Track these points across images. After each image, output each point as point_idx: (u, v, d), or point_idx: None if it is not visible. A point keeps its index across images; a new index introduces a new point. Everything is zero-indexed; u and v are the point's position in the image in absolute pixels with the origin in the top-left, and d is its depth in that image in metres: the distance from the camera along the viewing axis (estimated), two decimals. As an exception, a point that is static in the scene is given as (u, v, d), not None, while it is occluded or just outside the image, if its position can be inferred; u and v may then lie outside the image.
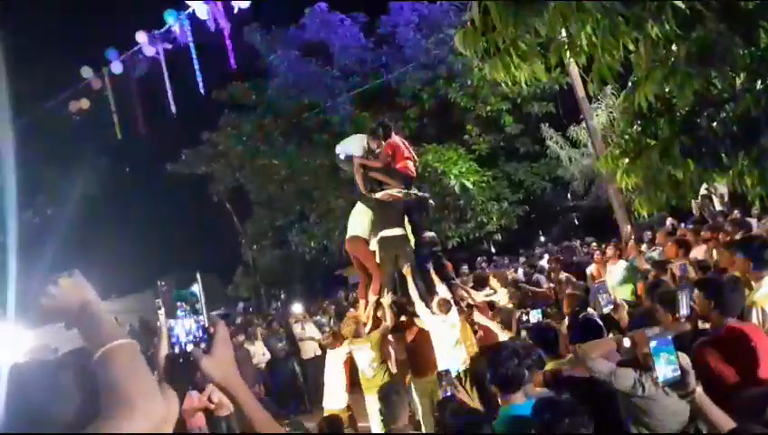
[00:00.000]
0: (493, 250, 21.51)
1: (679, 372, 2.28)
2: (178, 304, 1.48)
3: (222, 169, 19.67)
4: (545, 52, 4.96)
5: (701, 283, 3.73)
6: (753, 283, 4.21)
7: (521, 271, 11.87)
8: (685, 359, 3.24)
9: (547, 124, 18.95)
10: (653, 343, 2.29)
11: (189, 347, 1.41)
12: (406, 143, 7.90)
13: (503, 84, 4.87)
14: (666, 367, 2.27)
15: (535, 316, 5.16)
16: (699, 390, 2.35)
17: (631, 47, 4.57)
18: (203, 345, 1.41)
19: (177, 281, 1.51)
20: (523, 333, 5.50)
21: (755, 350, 3.52)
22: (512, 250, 19.98)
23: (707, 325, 3.70)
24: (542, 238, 22.77)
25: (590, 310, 5.43)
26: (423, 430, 5.80)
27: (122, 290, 23.39)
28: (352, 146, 7.79)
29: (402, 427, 3.26)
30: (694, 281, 4.18)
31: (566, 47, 4.63)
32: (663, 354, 2.27)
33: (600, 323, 3.47)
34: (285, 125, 18.18)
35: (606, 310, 4.32)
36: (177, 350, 1.41)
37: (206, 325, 1.44)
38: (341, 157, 7.78)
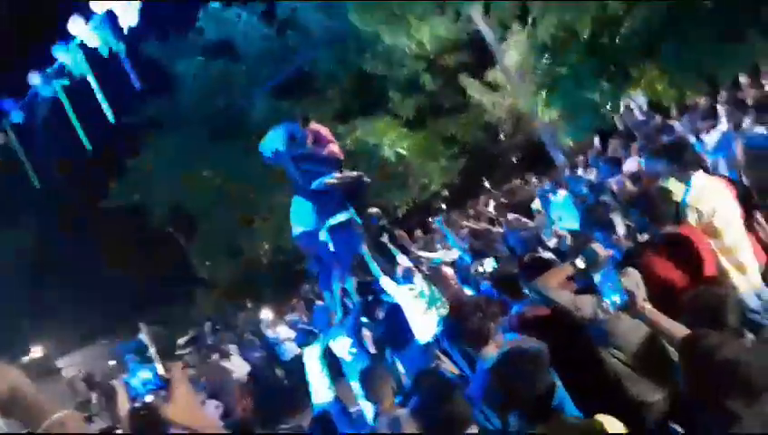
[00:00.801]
0: (444, 207, 21.74)
1: (626, 297, 2.38)
2: (128, 356, 1.44)
3: (154, 193, 19.04)
4: (441, 8, 4.97)
5: (634, 200, 3.89)
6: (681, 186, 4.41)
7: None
8: (634, 276, 3.39)
9: (465, 74, 19.09)
10: (597, 277, 2.38)
11: (149, 398, 1.38)
12: (323, 128, 7.84)
13: (407, 48, 4.85)
14: (613, 296, 2.36)
15: (490, 264, 5.27)
16: (647, 306, 2.45)
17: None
18: (162, 393, 1.38)
19: (121, 335, 1.46)
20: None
21: (697, 250, 3.71)
22: (461, 204, 20.26)
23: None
24: (487, 185, 23.11)
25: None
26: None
27: (82, 341, 22.60)
28: (275, 141, 7.62)
29: (388, 406, 3.29)
30: (626, 199, 4.34)
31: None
32: (607, 284, 2.36)
33: (547, 257, 3.56)
34: (207, 133, 17.70)
35: (551, 243, 4.45)
36: (137, 403, 1.38)
37: (161, 373, 1.40)
38: (268, 155, 7.64)
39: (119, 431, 1.33)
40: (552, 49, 6.58)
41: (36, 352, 19.59)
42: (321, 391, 6.98)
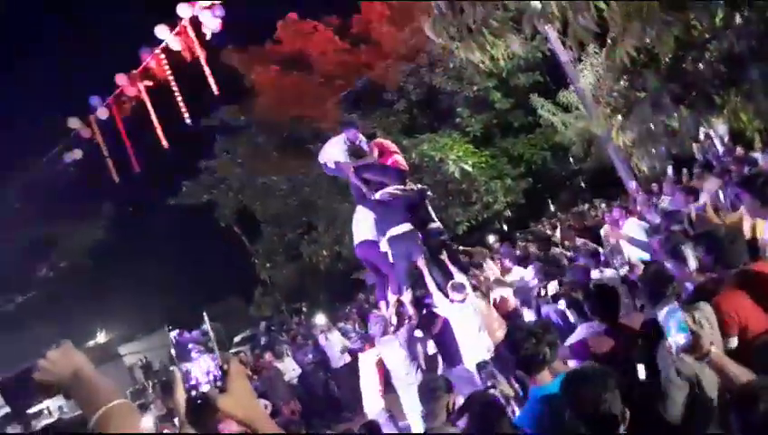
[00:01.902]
0: (505, 228, 21.44)
1: (691, 337, 2.24)
2: (191, 346, 1.47)
3: (224, 194, 19.73)
4: (518, 25, 4.93)
5: (699, 238, 3.69)
6: (760, 221, 4.17)
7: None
8: (707, 312, 3.20)
9: (536, 94, 18.83)
10: (661, 315, 2.25)
11: (206, 387, 1.40)
12: (387, 141, 7.93)
13: (480, 63, 4.84)
14: (677, 335, 2.23)
15: (553, 288, 5.13)
16: (713, 349, 2.30)
17: (601, 5, 4.51)
18: (219, 384, 1.41)
19: (187, 323, 1.51)
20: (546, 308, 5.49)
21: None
22: (523, 224, 19.91)
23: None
24: (552, 208, 22.63)
25: (607, 272, 5.37)
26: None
27: (146, 329, 23.48)
28: (334, 152, 7.75)
29: (441, 425, 3.24)
30: (692, 237, 4.13)
31: (538, 17, 4.58)
32: (672, 323, 2.23)
33: (613, 287, 3.43)
34: (278, 140, 18.21)
35: (622, 271, 4.28)
36: (194, 392, 1.41)
37: (221, 363, 1.43)
38: (330, 166, 7.78)
39: (174, 420, 1.36)
40: (630, 71, 6.37)
41: (101, 337, 20.54)
42: (372, 398, 6.99)
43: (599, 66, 9.07)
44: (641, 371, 2.85)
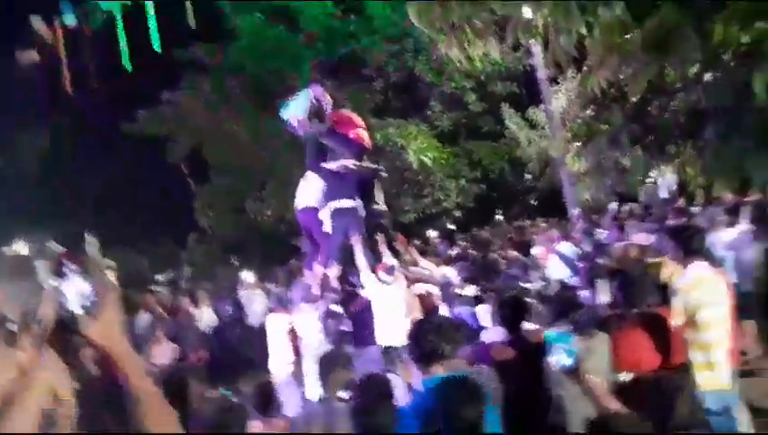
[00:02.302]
0: (453, 227, 21.67)
1: (575, 361, 2.33)
2: (71, 265, 1.40)
3: (179, 131, 19.06)
4: (502, 31, 4.93)
5: (614, 275, 3.85)
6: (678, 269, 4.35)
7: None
8: (602, 341, 3.34)
9: (508, 105, 19.05)
10: (551, 335, 2.34)
11: (78, 310, 1.34)
12: (356, 115, 7.83)
13: (458, 62, 4.83)
14: (562, 355, 2.32)
15: (471, 290, 5.26)
16: (590, 377, 2.40)
17: (584, 31, 4.56)
18: (90, 309, 1.34)
19: (68, 237, 1.43)
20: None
21: (671, 335, 3.65)
22: (467, 228, 20.17)
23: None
24: (500, 217, 23.02)
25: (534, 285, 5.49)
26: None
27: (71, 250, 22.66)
28: (297, 106, 7.56)
29: (332, 397, 3.26)
30: (609, 272, 4.29)
31: (521, 28, 4.59)
32: (559, 344, 2.32)
33: (522, 300, 3.52)
34: (247, 90, 17.73)
35: (537, 285, 4.42)
36: (63, 312, 1.34)
37: (97, 289, 1.37)
38: (292, 122, 7.61)
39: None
40: (598, 103, 6.50)
41: (21, 248, 19.66)
42: (279, 360, 6.99)
43: (572, 91, 9.24)
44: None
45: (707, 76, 5.90)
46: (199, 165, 20.76)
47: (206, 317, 10.97)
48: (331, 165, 7.33)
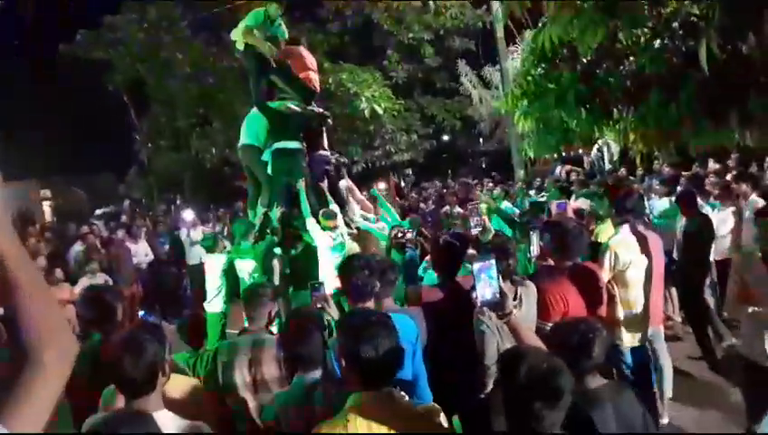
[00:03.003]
0: (402, 183, 21.75)
1: (499, 296, 2.36)
2: None
3: (121, 58, 18.07)
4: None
5: (548, 226, 3.94)
6: (613, 227, 4.51)
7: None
8: (531, 289, 3.42)
9: (464, 61, 18.98)
10: (476, 266, 2.35)
11: None
12: (310, 55, 7.57)
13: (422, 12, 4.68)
14: (486, 289, 2.34)
15: (410, 234, 5.34)
16: (516, 312, 2.45)
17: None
18: None
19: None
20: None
21: (599, 289, 3.79)
22: (417, 183, 20.30)
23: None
24: (448, 177, 23.29)
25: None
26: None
27: (3, 174, 21.54)
28: (248, 26, 7.21)
29: (257, 329, 3.23)
30: (543, 223, 4.39)
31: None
32: (484, 277, 2.33)
33: (455, 244, 3.56)
34: (194, 18, 16.90)
35: (474, 231, 4.47)
36: None
37: None
38: (239, 47, 7.30)
39: None
40: (548, 60, 6.52)
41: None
42: (214, 299, 6.90)
43: (526, 50, 9.26)
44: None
45: (656, 43, 5.98)
46: (141, 96, 19.88)
47: (141, 253, 10.72)
48: (275, 104, 7.12)
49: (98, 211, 19.93)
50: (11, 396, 1.13)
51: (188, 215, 11.98)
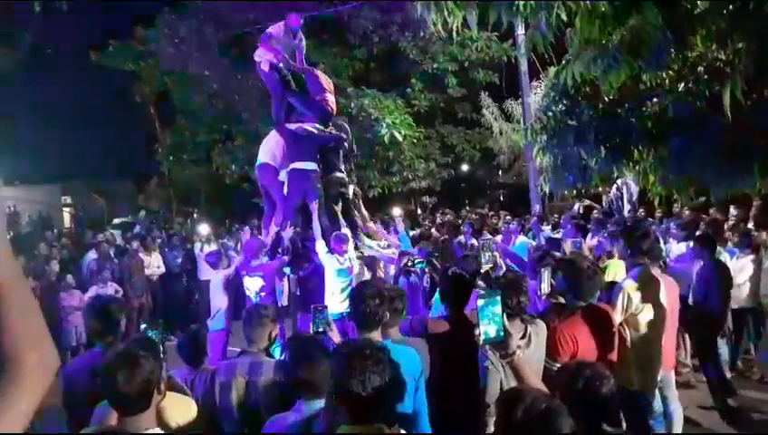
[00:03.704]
0: (418, 211, 21.74)
1: (503, 334, 2.29)
2: None
3: (150, 71, 18.45)
4: (485, 5, 4.82)
5: (562, 264, 3.85)
6: (627, 269, 4.42)
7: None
8: (541, 328, 3.34)
9: (487, 93, 19.06)
10: (480, 302, 2.28)
11: None
12: (327, 78, 7.67)
13: (432, 25, 4.67)
14: (489, 326, 2.26)
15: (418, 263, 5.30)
16: (520, 354, 2.38)
17: (564, 17, 4.50)
18: None
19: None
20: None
21: (612, 331, 3.69)
22: (434, 212, 20.24)
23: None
24: (466, 207, 23.21)
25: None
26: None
27: (26, 177, 21.96)
28: (271, 42, 7.36)
29: (256, 351, 3.19)
30: (556, 260, 4.31)
31: (504, 6, 4.50)
32: (488, 313, 2.26)
33: (467, 279, 3.50)
34: (224, 37, 17.21)
35: (485, 267, 4.40)
36: None
37: None
38: (263, 67, 7.42)
39: None
40: (570, 97, 6.49)
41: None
42: (218, 316, 6.87)
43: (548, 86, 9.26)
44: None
45: (680, 86, 5.94)
46: (166, 109, 20.22)
47: (154, 264, 10.77)
48: (294, 127, 7.19)
49: (115, 220, 20.16)
50: None
51: (203, 229, 12.05)
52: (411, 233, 11.22)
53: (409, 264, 5.42)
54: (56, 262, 9.63)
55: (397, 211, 14.51)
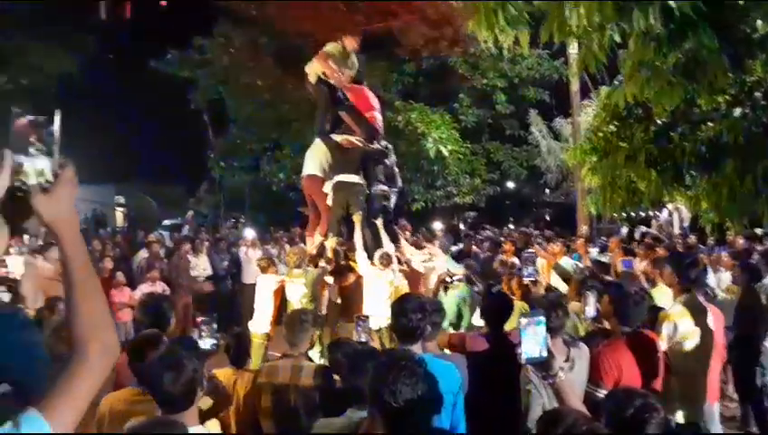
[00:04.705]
0: (461, 226, 21.60)
1: (546, 354, 2.27)
2: (31, 140, 1.38)
3: (205, 78, 19.07)
4: (537, 25, 4.83)
5: (610, 287, 3.78)
6: (674, 297, 4.31)
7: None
8: (583, 351, 3.31)
9: (536, 111, 18.90)
10: (523, 320, 2.27)
11: (33, 185, 1.33)
12: (374, 96, 7.83)
13: (483, 42, 4.69)
14: (532, 346, 2.25)
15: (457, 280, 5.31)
16: (562, 375, 2.36)
17: (617, 38, 4.47)
18: (46, 185, 1.33)
19: (36, 115, 1.41)
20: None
21: (658, 359, 3.61)
22: (477, 227, 20.10)
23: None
24: (510, 225, 22.97)
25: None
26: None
27: (83, 176, 22.82)
28: (325, 57, 7.58)
29: (298, 355, 3.27)
30: (603, 283, 4.24)
31: (556, 25, 4.49)
32: (531, 333, 2.25)
33: (509, 298, 3.50)
34: (278, 49, 17.63)
35: (526, 279, 4.37)
36: (18, 184, 1.33)
37: (55, 168, 1.36)
38: (311, 79, 7.62)
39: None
40: (622, 118, 6.41)
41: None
42: (261, 320, 7.02)
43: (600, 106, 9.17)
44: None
45: (736, 111, 5.79)
46: (220, 116, 20.82)
47: (201, 266, 11.05)
48: (340, 139, 7.34)
49: (166, 222, 20.79)
50: (54, 385, 1.22)
51: (249, 234, 12.33)
52: (453, 248, 11.16)
53: (447, 280, 5.42)
54: (109, 259, 9.98)
55: (438, 225, 14.54)
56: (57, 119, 1.38)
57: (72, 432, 1.22)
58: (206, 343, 3.18)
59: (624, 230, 11.73)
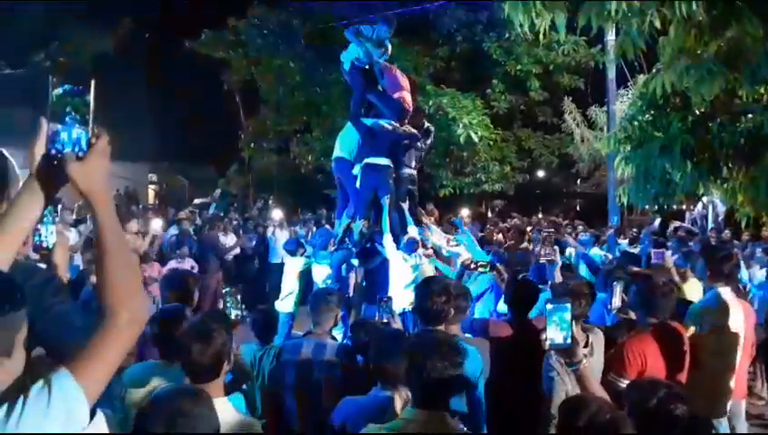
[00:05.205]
0: (489, 213, 21.45)
1: (570, 341, 2.27)
2: (68, 109, 1.42)
3: (238, 60, 19.18)
4: (574, 11, 4.72)
5: (639, 278, 3.73)
6: (704, 291, 4.24)
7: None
8: (599, 338, 3.28)
9: (570, 98, 18.54)
10: (549, 307, 2.27)
11: (68, 153, 1.37)
12: (404, 76, 7.80)
13: (519, 26, 4.59)
14: (556, 332, 2.24)
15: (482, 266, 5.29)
16: (586, 363, 2.35)
17: (657, 25, 4.35)
18: (80, 154, 1.37)
19: (72, 87, 1.45)
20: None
21: (684, 352, 3.56)
22: (502, 215, 19.93)
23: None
24: (539, 214, 22.72)
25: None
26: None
27: (115, 154, 23.25)
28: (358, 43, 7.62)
29: (321, 333, 3.31)
30: (632, 274, 4.17)
31: (595, 10, 4.39)
32: (556, 320, 2.24)
33: (535, 286, 3.48)
34: (311, 31, 17.62)
35: (543, 259, 4.32)
36: (54, 152, 1.37)
37: (91, 137, 1.39)
38: (345, 65, 7.64)
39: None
40: (658, 107, 6.25)
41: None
42: (287, 299, 7.12)
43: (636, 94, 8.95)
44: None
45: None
46: (251, 98, 20.95)
47: (230, 244, 11.22)
48: (370, 123, 7.33)
49: (196, 200, 21.13)
50: (84, 349, 1.26)
51: (277, 214, 12.47)
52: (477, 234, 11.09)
53: (471, 266, 5.40)
54: (140, 235, 10.18)
55: (465, 212, 14.46)
56: (92, 89, 1.42)
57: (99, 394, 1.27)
58: (229, 313, 3.25)
59: (657, 222, 11.49)
